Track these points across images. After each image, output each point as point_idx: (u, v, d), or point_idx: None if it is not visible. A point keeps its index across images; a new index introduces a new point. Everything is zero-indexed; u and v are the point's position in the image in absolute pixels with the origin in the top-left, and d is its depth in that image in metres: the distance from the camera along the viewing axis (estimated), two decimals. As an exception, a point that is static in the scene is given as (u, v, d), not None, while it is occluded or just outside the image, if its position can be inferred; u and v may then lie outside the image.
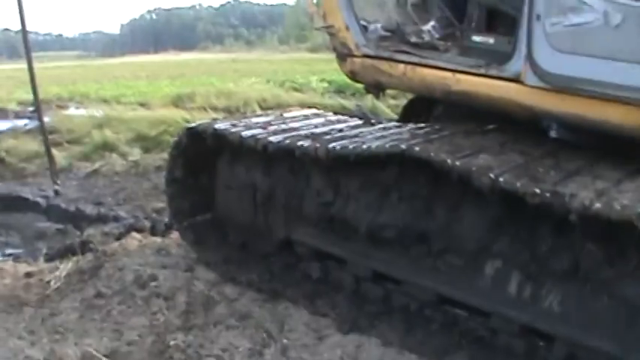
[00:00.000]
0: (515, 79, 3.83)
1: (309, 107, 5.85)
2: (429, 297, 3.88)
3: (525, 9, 3.69)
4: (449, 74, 4.18)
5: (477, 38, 4.40)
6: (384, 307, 4.08)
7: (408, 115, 5.55)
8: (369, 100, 9.58)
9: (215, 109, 13.13)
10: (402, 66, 4.42)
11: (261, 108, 12.75)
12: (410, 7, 4.95)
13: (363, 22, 4.68)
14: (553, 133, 4.02)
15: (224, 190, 4.90)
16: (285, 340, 3.85)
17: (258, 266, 4.58)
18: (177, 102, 14.32)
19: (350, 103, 11.55)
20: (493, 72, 3.97)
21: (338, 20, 4.67)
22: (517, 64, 3.81)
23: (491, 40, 4.31)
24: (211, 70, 27.80)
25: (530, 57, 3.70)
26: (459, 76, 4.14)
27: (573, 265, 3.33)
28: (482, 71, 4.04)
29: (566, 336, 3.43)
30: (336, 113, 5.33)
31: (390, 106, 10.80)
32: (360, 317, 4.00)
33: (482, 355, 3.65)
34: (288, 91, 16.40)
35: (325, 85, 17.29)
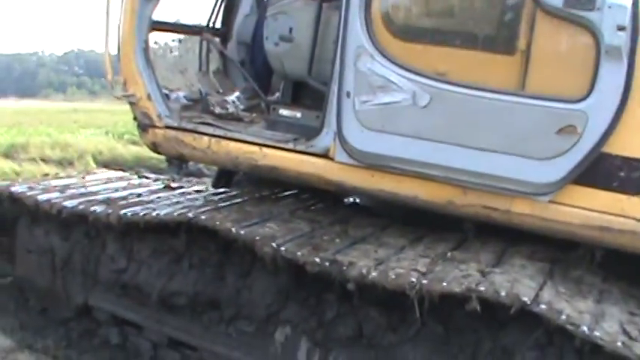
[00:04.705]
0: (324, 155, 3.77)
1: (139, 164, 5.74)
2: None
3: (334, 85, 3.64)
4: (255, 148, 4.01)
5: (284, 112, 4.20)
6: None
7: (221, 178, 5.40)
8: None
9: (48, 161, 12.58)
10: (206, 139, 4.17)
11: (96, 161, 12.37)
12: (212, 74, 4.94)
13: (165, 91, 4.47)
14: (348, 200, 4.14)
15: (24, 254, 4.72)
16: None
17: (55, 332, 4.44)
18: (10, 152, 13.63)
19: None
20: (301, 147, 3.87)
21: (139, 88, 4.32)
22: (326, 140, 3.75)
23: (298, 114, 4.14)
24: (50, 120, 26.72)
25: (339, 134, 3.65)
26: (265, 150, 3.99)
27: (357, 331, 3.42)
28: (290, 146, 3.91)
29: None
30: (141, 177, 5.30)
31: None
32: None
33: None
34: (126, 144, 16.04)
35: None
